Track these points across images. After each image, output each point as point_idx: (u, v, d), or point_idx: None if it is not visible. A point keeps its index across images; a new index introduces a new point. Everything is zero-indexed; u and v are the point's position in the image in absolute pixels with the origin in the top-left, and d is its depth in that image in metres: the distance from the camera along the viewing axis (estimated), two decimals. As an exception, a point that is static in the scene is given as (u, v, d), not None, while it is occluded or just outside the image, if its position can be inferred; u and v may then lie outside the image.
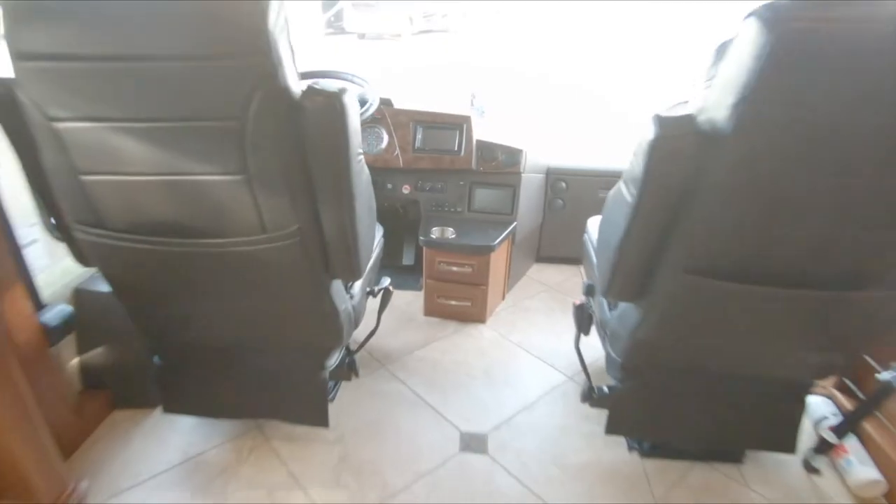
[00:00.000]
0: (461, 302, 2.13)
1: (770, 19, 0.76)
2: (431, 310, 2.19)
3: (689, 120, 0.92)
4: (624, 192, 1.06)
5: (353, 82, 1.77)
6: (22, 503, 1.26)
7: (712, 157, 0.90)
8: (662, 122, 0.91)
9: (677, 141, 0.92)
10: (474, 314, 2.16)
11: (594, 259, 1.47)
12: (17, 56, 0.92)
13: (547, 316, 2.24)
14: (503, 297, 2.34)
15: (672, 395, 1.43)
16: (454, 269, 2.06)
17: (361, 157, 1.12)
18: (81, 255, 1.22)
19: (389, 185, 2.20)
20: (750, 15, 0.79)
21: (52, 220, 1.20)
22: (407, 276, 2.42)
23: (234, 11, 0.87)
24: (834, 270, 1.02)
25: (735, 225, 0.96)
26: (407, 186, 2.21)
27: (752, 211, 0.93)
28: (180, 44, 0.89)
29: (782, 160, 0.87)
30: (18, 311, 1.28)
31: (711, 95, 0.89)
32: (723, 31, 0.87)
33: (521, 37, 11.37)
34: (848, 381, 1.59)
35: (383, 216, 1.80)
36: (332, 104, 0.96)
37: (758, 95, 0.80)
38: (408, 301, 2.28)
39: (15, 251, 1.29)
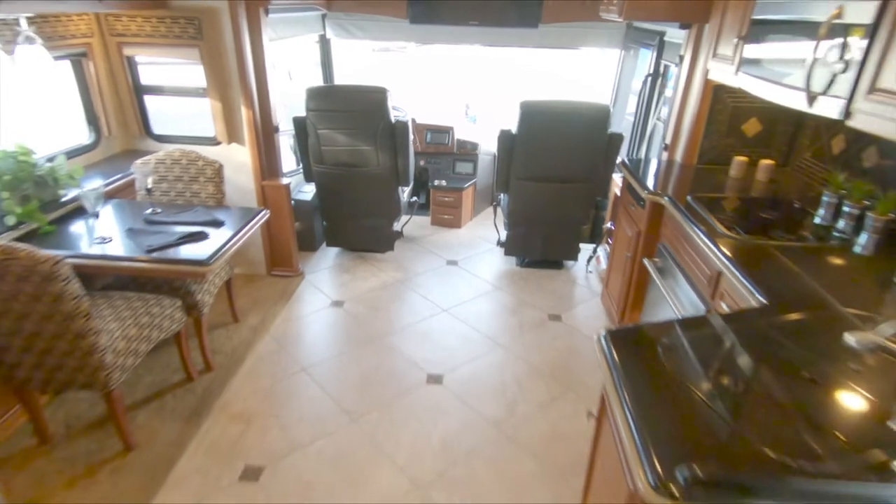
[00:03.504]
0: (448, 216, 4.34)
1: (522, 106, 2.99)
2: (434, 221, 4.41)
3: (509, 130, 3.13)
4: (496, 152, 3.27)
5: (399, 110, 3.99)
6: (288, 269, 3.48)
7: (514, 140, 3.11)
8: (501, 131, 3.12)
9: (506, 138, 3.13)
10: (455, 223, 4.37)
11: None
12: (308, 109, 3.18)
13: (492, 227, 4.43)
14: (471, 218, 4.56)
15: (529, 235, 3.61)
16: (446, 199, 4.28)
17: (412, 142, 3.34)
18: (310, 176, 3.45)
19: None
20: (519, 103, 3.00)
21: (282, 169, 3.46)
22: (421, 209, 4.63)
23: (375, 97, 3.12)
24: (565, 174, 3.21)
25: (525, 160, 3.16)
26: (422, 161, 4.44)
27: (528, 156, 3.14)
28: (360, 106, 3.14)
29: (536, 139, 3.08)
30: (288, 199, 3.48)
31: (515, 122, 3.11)
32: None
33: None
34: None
35: (413, 171, 4.04)
36: (406, 126, 3.20)
37: (522, 122, 3.03)
38: (422, 220, 4.50)
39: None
